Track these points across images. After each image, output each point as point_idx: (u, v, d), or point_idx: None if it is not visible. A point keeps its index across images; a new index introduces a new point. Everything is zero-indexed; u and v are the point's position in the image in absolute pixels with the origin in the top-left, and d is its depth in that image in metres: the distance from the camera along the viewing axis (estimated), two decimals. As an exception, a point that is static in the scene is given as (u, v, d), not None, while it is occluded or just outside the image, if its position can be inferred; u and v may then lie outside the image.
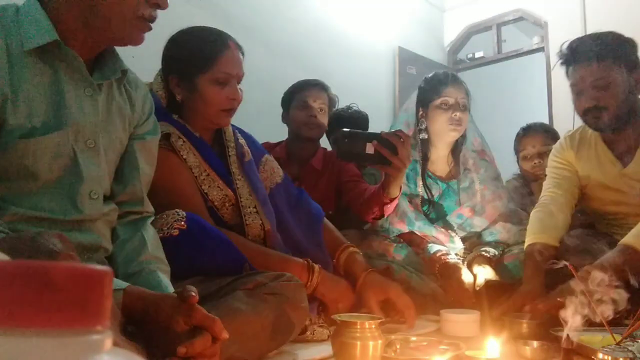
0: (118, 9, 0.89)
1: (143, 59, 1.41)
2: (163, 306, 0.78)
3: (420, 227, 1.87)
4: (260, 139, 2.00)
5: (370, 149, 1.45)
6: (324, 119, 2.09)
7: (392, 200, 1.61)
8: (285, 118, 2.15)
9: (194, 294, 0.76)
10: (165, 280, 0.95)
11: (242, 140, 1.49)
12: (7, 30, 0.87)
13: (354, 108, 2.55)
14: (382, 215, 1.70)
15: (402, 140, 1.45)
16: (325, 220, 1.59)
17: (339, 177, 2.00)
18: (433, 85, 1.91)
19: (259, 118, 2.40)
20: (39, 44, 0.87)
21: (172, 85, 1.35)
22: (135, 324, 0.79)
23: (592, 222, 1.77)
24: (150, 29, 0.95)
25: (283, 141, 2.18)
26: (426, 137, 1.94)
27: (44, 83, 0.89)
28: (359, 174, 2.02)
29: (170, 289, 0.92)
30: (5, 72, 0.84)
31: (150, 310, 0.79)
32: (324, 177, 2.04)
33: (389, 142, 1.45)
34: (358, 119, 2.52)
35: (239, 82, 1.36)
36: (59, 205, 0.90)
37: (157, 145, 1.14)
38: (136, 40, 0.95)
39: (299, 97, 2.09)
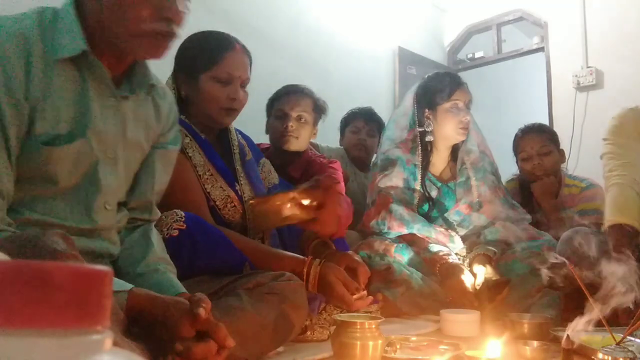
0: (125, 26, 0.87)
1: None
2: (172, 309, 0.78)
3: (420, 229, 1.86)
4: (260, 139, 2.00)
5: (290, 210, 1.26)
6: (303, 129, 1.87)
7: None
8: (267, 127, 1.98)
9: (202, 312, 0.76)
10: (176, 281, 0.96)
11: (242, 141, 1.53)
12: (44, 34, 0.86)
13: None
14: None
15: (328, 188, 1.29)
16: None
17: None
18: (442, 88, 1.89)
19: (259, 118, 2.40)
20: (70, 54, 0.86)
21: (178, 82, 1.38)
22: (140, 325, 0.79)
23: (595, 222, 1.76)
24: (167, 41, 0.90)
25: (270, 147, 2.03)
26: (432, 139, 1.93)
27: (71, 90, 0.88)
28: (337, 172, 1.90)
29: (183, 290, 0.93)
30: (39, 78, 0.84)
31: (158, 312, 0.79)
32: (300, 183, 1.92)
33: (313, 194, 1.26)
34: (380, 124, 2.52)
35: (243, 85, 1.39)
36: (73, 212, 0.90)
37: (176, 155, 1.14)
38: (152, 54, 0.92)
39: (277, 106, 1.90)
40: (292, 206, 1.29)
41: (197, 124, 1.39)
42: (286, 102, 1.88)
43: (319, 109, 1.94)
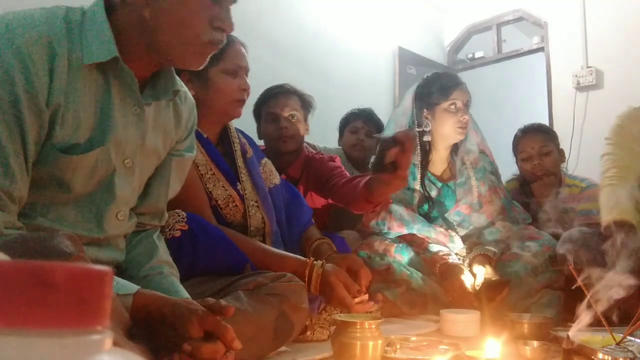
0: (181, 35, 0.86)
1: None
2: (180, 309, 0.79)
3: (420, 230, 1.86)
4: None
5: (390, 157, 1.25)
6: (297, 128, 1.87)
7: (377, 203, 1.49)
8: (259, 132, 1.96)
9: (231, 307, 0.78)
10: (180, 285, 0.96)
11: (243, 140, 1.53)
12: (70, 38, 0.83)
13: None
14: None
15: (411, 138, 1.28)
16: (311, 230, 1.57)
17: (317, 178, 1.82)
18: (440, 88, 1.89)
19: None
20: (98, 60, 0.84)
21: (184, 81, 1.37)
22: (147, 325, 0.79)
23: (596, 222, 1.76)
24: (212, 51, 0.91)
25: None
26: (430, 139, 1.93)
27: (94, 97, 0.86)
28: (339, 165, 1.86)
29: (186, 295, 0.92)
30: (62, 83, 0.82)
31: (167, 311, 0.79)
32: (301, 183, 1.90)
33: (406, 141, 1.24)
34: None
35: (246, 75, 1.42)
36: (84, 220, 0.89)
37: (191, 163, 1.13)
38: (197, 65, 0.92)
39: (266, 109, 1.89)
40: (393, 153, 1.25)
41: (200, 122, 1.39)
42: (275, 104, 1.87)
43: (306, 105, 1.94)
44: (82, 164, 0.85)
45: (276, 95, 1.89)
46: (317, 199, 1.89)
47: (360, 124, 2.54)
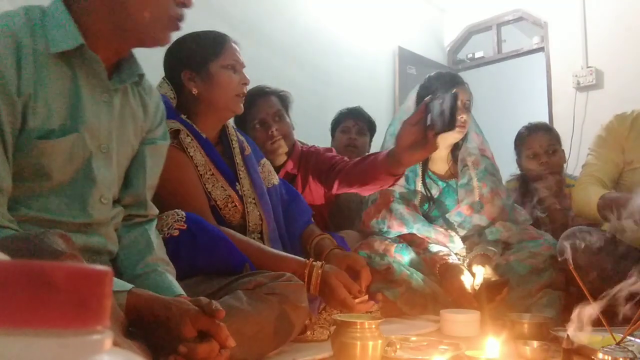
0: (150, 10, 0.90)
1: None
2: (173, 310, 0.79)
3: (419, 229, 1.86)
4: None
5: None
6: (284, 126, 1.87)
7: (399, 175, 1.50)
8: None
9: (222, 310, 0.79)
10: (175, 282, 0.96)
11: (241, 138, 1.54)
12: (33, 31, 0.86)
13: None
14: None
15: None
16: (311, 227, 1.57)
17: (318, 169, 1.82)
18: (439, 86, 1.89)
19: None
20: (65, 48, 0.87)
21: (185, 80, 1.39)
22: (141, 325, 0.80)
23: (595, 223, 1.76)
24: (179, 28, 0.96)
25: None
26: None
27: (63, 86, 0.89)
28: (337, 154, 1.87)
29: (181, 291, 0.93)
30: (30, 74, 0.84)
31: (159, 312, 0.79)
32: (299, 179, 1.91)
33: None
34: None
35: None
36: (68, 207, 0.90)
37: (166, 150, 1.15)
38: (163, 41, 0.96)
39: (251, 117, 1.87)
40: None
41: (200, 122, 1.40)
42: (259, 109, 1.87)
43: (286, 101, 1.95)
44: (58, 149, 0.87)
45: (257, 100, 1.88)
46: (316, 195, 1.89)
47: (351, 122, 2.54)
